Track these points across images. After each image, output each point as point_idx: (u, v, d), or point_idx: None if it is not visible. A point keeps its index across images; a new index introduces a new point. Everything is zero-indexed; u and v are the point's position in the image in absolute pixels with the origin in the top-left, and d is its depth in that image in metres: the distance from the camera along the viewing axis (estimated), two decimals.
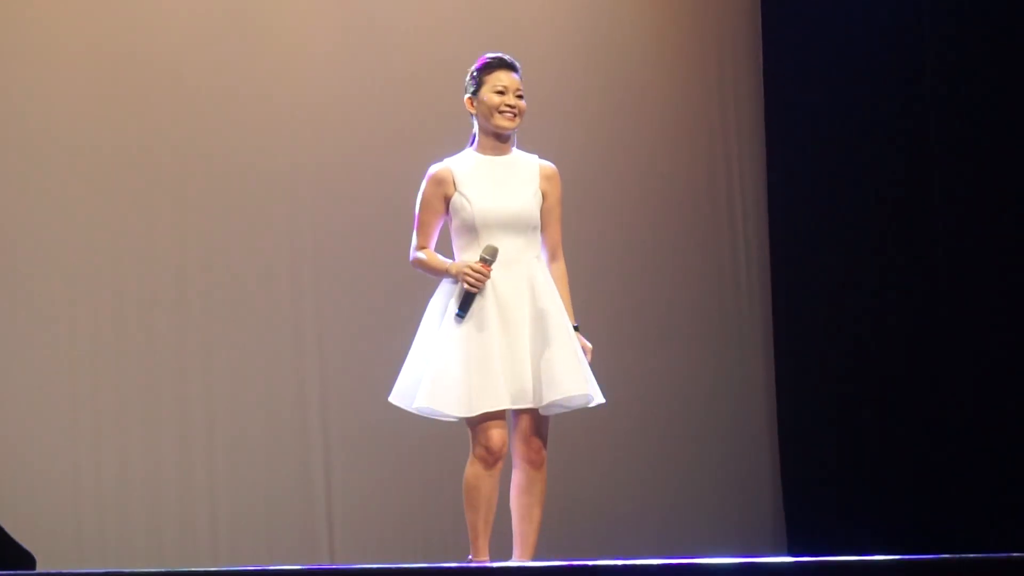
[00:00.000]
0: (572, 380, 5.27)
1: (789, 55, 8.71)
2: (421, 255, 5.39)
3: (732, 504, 8.43)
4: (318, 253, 7.55)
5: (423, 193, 5.39)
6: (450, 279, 5.33)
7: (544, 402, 5.25)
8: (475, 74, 5.43)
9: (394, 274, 7.39)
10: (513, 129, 5.39)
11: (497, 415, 5.27)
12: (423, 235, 5.40)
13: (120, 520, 7.06)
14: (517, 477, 5.35)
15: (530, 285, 5.31)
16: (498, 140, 5.40)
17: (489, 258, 5.25)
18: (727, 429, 8.50)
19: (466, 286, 5.24)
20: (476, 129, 5.45)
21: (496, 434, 5.26)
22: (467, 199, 5.31)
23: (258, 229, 7.44)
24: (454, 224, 5.36)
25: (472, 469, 5.30)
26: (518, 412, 5.31)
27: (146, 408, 7.15)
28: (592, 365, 5.39)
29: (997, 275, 8.13)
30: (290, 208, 7.51)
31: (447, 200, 5.35)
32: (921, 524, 8.15)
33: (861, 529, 8.19)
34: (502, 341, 5.23)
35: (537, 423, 5.31)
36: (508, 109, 5.36)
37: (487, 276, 5.24)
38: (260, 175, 7.47)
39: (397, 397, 5.39)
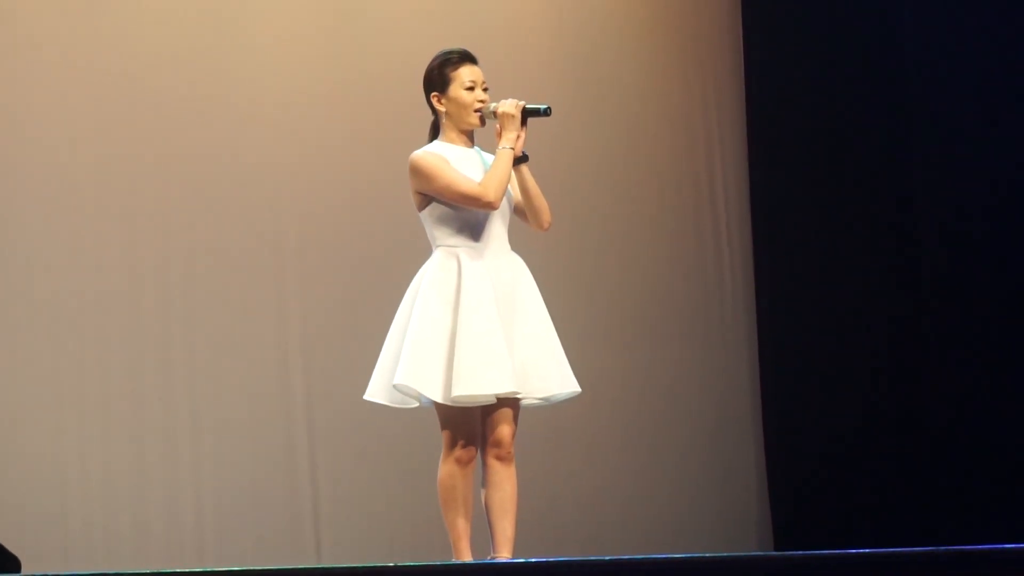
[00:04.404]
0: (564, 374, 5.29)
1: (772, 54, 8.71)
2: (483, 180, 5.24)
3: (718, 501, 8.43)
4: (302, 250, 7.54)
5: (432, 164, 5.25)
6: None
7: (539, 395, 5.24)
8: (440, 70, 5.38)
9: (378, 270, 7.39)
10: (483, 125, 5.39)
11: (475, 411, 5.25)
12: (466, 180, 5.24)
13: (106, 522, 7.05)
14: (487, 474, 5.29)
15: (517, 275, 5.31)
16: (467, 135, 5.40)
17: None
18: (712, 426, 8.50)
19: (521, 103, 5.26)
20: (442, 123, 5.40)
21: (474, 431, 5.24)
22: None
23: (241, 228, 7.43)
24: (440, 211, 5.32)
25: (447, 468, 5.24)
26: (491, 407, 5.25)
27: (130, 408, 7.13)
28: (574, 362, 5.39)
29: (980, 272, 8.16)
30: (273, 207, 7.51)
31: None
32: (907, 519, 8.17)
33: (848, 525, 8.21)
34: (500, 326, 5.21)
35: (510, 418, 5.28)
36: (481, 105, 5.36)
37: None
38: (244, 170, 7.45)
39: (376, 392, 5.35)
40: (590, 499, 8.08)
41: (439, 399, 5.18)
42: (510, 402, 5.28)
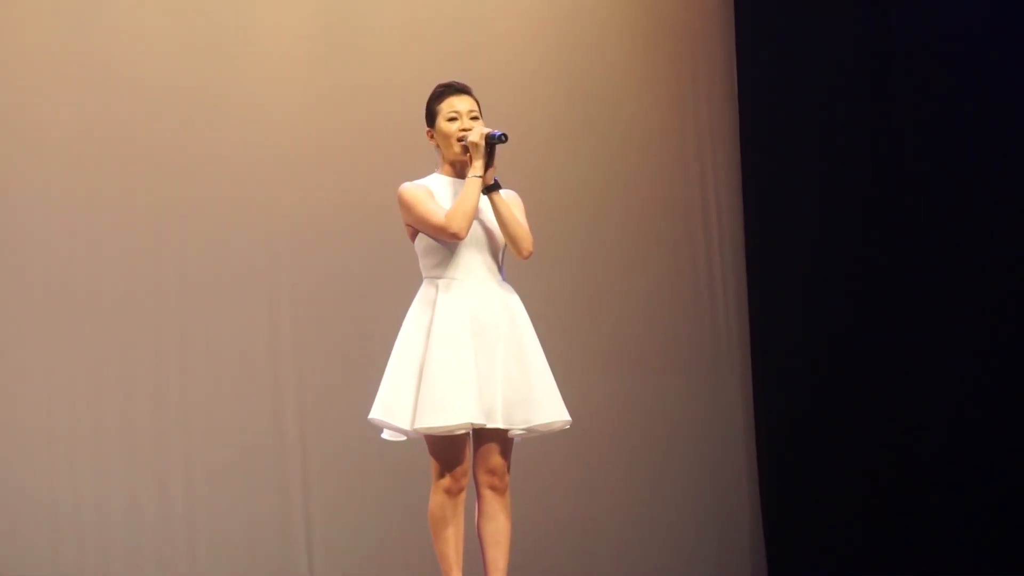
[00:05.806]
0: (553, 405, 5.28)
1: (764, 65, 8.67)
2: (448, 211, 5.27)
3: (712, 533, 8.41)
4: (295, 283, 7.49)
5: (412, 195, 5.34)
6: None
7: (522, 425, 5.24)
8: (429, 105, 5.46)
9: (373, 301, 7.38)
10: None
11: (460, 441, 5.25)
12: (437, 212, 5.29)
13: (98, 553, 7.02)
14: (481, 505, 5.34)
15: (506, 306, 5.32)
16: (460, 166, 5.42)
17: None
18: (706, 458, 8.47)
19: (485, 131, 5.26)
20: (438, 157, 5.48)
21: (460, 461, 5.25)
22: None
23: (235, 258, 7.39)
24: (425, 242, 5.36)
25: (436, 499, 5.28)
26: (482, 437, 5.29)
27: (123, 444, 7.07)
28: (564, 390, 5.38)
29: (979, 293, 8.15)
30: (266, 237, 7.47)
31: None
32: (903, 552, 8.16)
33: (843, 557, 8.19)
34: (476, 358, 5.22)
35: (502, 448, 5.30)
36: (464, 134, 5.37)
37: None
38: (237, 198, 7.42)
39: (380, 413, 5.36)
40: (583, 531, 8.05)
41: (406, 427, 5.22)
42: (499, 433, 5.28)
